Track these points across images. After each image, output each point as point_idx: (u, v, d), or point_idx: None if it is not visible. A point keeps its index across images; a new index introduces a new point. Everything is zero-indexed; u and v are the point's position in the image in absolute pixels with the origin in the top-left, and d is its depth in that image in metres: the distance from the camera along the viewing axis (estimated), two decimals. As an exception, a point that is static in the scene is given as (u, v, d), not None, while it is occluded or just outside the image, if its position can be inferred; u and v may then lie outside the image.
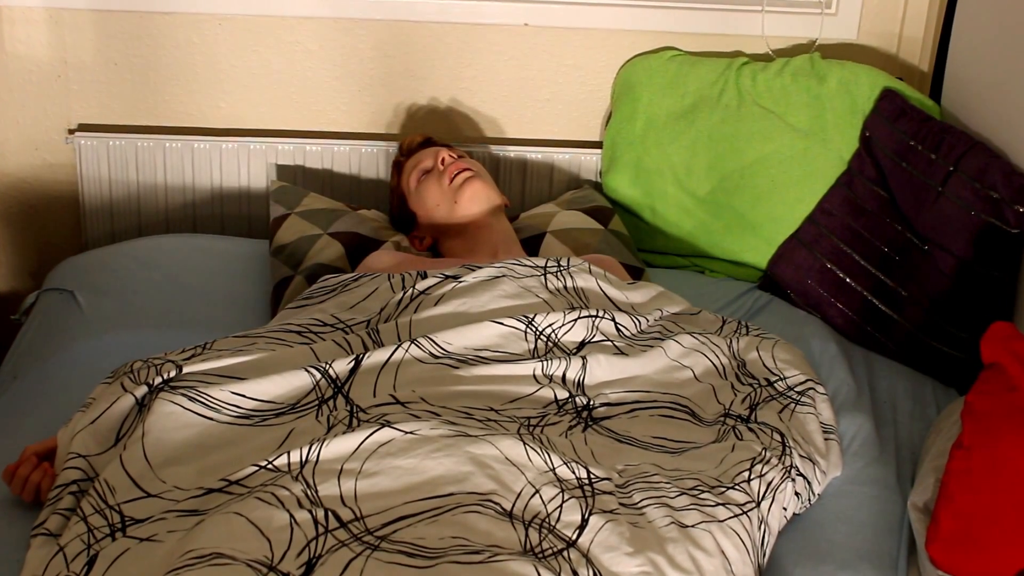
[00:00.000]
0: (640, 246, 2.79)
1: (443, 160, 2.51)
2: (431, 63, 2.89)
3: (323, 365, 1.92)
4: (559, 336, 2.09)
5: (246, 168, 2.87)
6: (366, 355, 1.95)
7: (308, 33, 2.85)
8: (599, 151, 2.94)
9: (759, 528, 1.79)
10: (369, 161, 2.89)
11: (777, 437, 1.94)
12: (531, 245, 2.61)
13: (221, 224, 2.91)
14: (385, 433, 1.74)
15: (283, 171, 2.87)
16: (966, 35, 2.71)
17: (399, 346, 1.98)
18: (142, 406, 1.85)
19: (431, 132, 2.85)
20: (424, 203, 2.51)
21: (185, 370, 1.89)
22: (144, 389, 1.85)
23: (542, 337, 2.07)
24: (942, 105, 2.76)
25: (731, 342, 2.18)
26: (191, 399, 1.83)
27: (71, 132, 2.86)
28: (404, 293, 2.15)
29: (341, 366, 1.93)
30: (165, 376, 1.87)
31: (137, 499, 1.70)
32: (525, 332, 2.06)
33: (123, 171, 2.85)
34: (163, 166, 2.85)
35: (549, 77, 2.93)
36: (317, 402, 1.88)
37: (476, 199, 2.46)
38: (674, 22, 2.90)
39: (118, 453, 1.77)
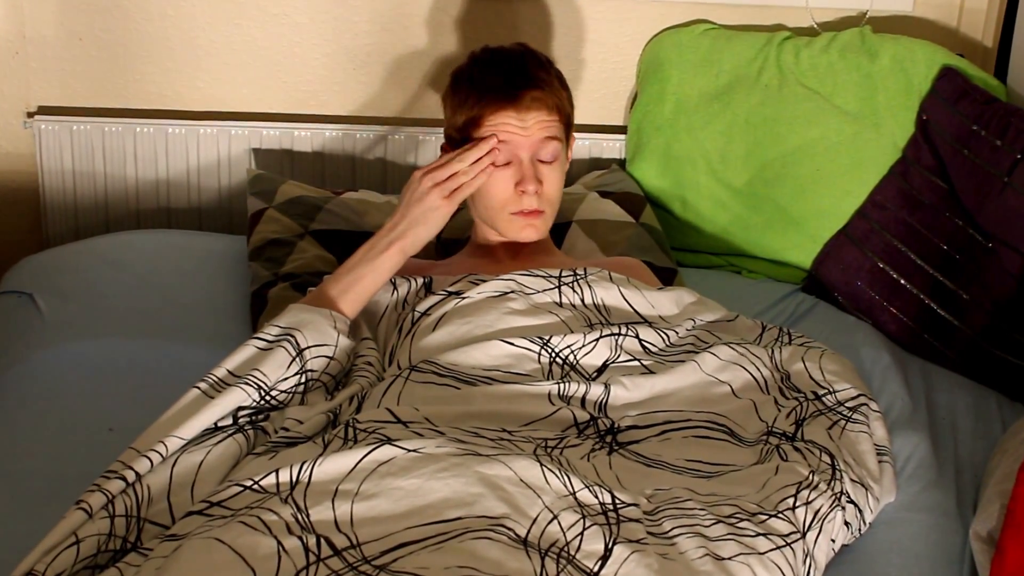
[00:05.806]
0: (669, 243, 2.78)
1: (523, 191, 2.26)
2: (434, 38, 2.90)
3: (336, 408, 1.99)
4: (578, 358, 2.09)
5: (226, 156, 2.88)
6: (366, 397, 1.99)
7: (296, 4, 2.86)
8: (623, 137, 2.95)
9: (804, 562, 1.79)
10: (365, 148, 2.90)
11: (826, 459, 1.94)
12: (554, 234, 2.56)
13: (198, 219, 2.93)
14: (385, 451, 1.75)
15: (268, 159, 2.88)
16: (1036, 6, 2.72)
17: (399, 375, 2.01)
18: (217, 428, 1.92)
19: (434, 116, 2.85)
20: (480, 189, 2.28)
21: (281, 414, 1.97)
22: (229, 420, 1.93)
23: (558, 360, 2.08)
24: (1008, 85, 2.77)
25: (773, 352, 2.19)
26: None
27: (30, 116, 2.88)
28: (405, 319, 2.17)
29: (347, 410, 1.99)
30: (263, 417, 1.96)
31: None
32: (539, 355, 2.08)
33: (88, 159, 2.86)
34: (133, 154, 2.87)
35: (567, 54, 2.94)
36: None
37: (523, 239, 2.32)
38: (707, -8, 2.91)
39: (170, 463, 1.83)
